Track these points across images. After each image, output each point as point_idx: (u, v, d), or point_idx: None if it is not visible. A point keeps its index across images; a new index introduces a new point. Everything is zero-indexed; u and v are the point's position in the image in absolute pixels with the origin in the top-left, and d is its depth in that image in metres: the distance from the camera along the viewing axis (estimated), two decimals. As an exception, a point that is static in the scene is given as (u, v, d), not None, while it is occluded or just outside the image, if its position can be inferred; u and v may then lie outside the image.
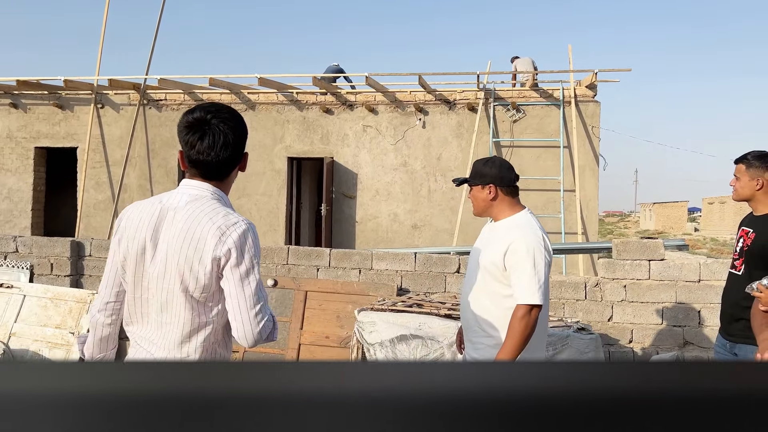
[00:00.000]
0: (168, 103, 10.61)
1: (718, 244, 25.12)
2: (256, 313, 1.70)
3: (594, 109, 9.67)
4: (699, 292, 4.56)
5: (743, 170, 3.02)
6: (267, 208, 10.34)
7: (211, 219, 1.72)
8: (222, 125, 1.75)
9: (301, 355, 4.84)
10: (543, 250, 2.49)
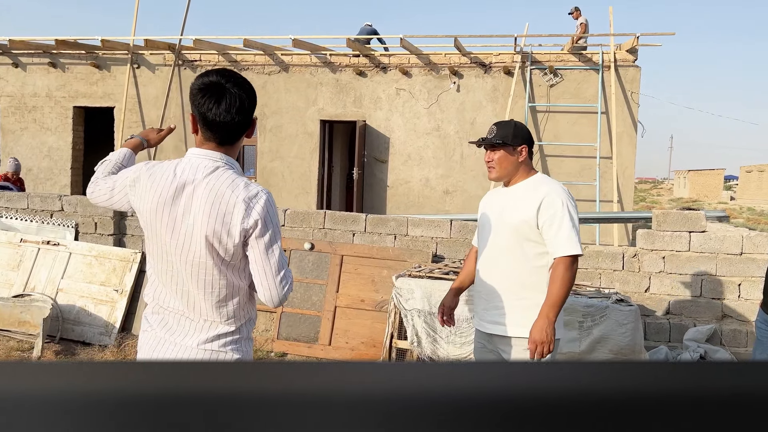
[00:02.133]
0: (202, 64, 10.64)
1: (755, 214, 24.54)
2: (281, 279, 1.81)
3: (634, 74, 9.42)
4: (740, 264, 4.49)
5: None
6: (299, 171, 10.40)
7: (234, 191, 1.76)
8: (236, 89, 1.78)
9: (337, 317, 4.93)
10: (574, 204, 2.54)
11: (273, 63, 10.43)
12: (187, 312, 1.84)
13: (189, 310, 1.83)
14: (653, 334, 4.60)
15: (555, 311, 2.41)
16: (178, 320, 1.85)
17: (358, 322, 4.88)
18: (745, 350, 4.43)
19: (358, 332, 4.86)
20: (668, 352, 4.46)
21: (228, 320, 1.85)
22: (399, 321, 4.01)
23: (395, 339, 4.04)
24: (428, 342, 3.80)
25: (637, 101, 9.42)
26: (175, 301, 1.85)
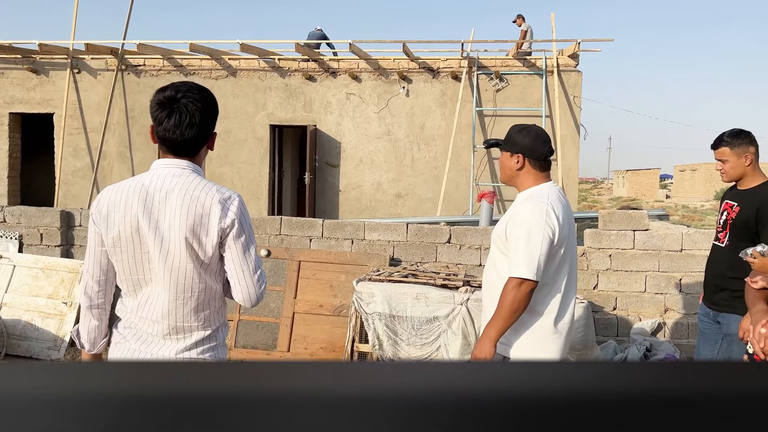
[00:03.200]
0: (147, 69, 10.40)
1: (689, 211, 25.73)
2: (258, 278, 1.85)
3: (576, 79, 9.76)
4: (680, 261, 4.74)
5: (728, 152, 3.10)
6: (249, 176, 10.30)
7: (208, 194, 1.80)
8: (191, 105, 1.79)
9: (295, 323, 4.93)
10: (543, 224, 2.34)
11: (220, 68, 10.30)
12: (165, 321, 1.83)
13: (168, 319, 1.83)
14: (602, 329, 4.80)
15: (495, 330, 2.34)
16: (155, 332, 1.84)
17: (317, 327, 4.89)
18: (687, 342, 4.68)
19: (318, 337, 4.87)
20: (617, 346, 4.67)
21: (204, 325, 1.86)
22: (360, 325, 4.05)
23: (357, 343, 4.08)
24: (389, 344, 3.86)
25: (580, 105, 9.77)
26: (153, 312, 1.84)
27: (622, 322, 4.80)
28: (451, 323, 3.76)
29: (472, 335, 3.76)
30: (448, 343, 3.75)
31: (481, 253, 4.94)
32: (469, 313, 3.77)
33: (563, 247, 2.43)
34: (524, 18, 10.87)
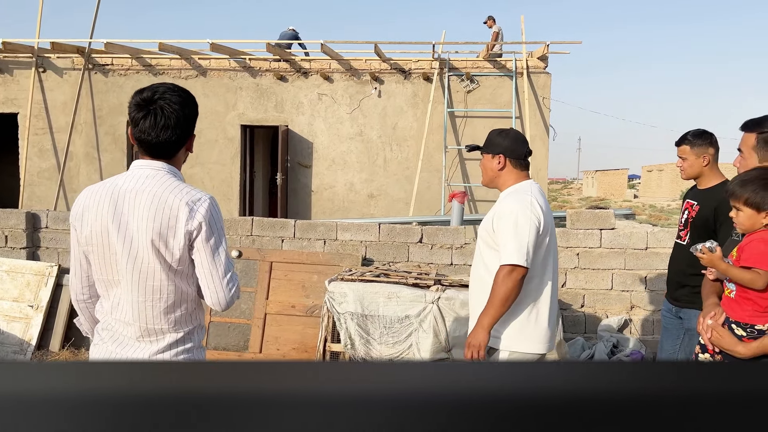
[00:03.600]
0: (115, 68, 10.24)
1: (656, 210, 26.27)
2: (227, 282, 1.83)
3: (545, 81, 9.90)
4: (646, 259, 4.86)
5: (688, 150, 3.22)
6: (220, 177, 10.21)
7: (177, 196, 1.79)
8: (167, 107, 1.80)
9: (267, 324, 4.92)
10: (529, 213, 2.46)
11: (190, 67, 10.20)
12: (136, 324, 1.83)
13: (138, 321, 1.83)
14: (570, 327, 4.90)
15: (488, 318, 2.42)
16: (129, 334, 1.84)
17: (289, 328, 4.89)
18: (652, 338, 4.80)
19: (290, 338, 4.87)
20: (584, 343, 4.76)
21: (176, 327, 1.86)
22: (332, 325, 4.07)
23: (329, 343, 4.09)
24: (361, 344, 3.88)
25: (549, 106, 9.92)
26: (125, 314, 1.84)
27: (590, 319, 4.90)
28: (422, 322, 3.80)
29: (443, 333, 3.81)
30: (420, 342, 3.79)
31: (452, 253, 4.99)
32: (440, 312, 3.82)
33: (547, 239, 2.55)
34: (495, 20, 11.01)
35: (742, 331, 2.12)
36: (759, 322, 2.09)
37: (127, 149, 10.31)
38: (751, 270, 2.06)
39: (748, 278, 2.05)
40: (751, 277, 2.05)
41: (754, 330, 2.09)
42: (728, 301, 2.18)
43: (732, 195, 2.17)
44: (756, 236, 2.11)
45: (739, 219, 2.16)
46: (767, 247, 2.05)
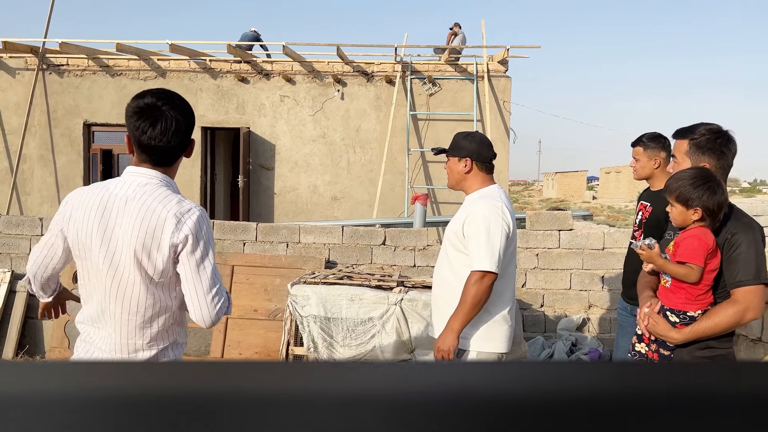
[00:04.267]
0: (71, 69, 9.99)
1: (614, 211, 26.91)
2: (213, 297, 1.77)
3: (505, 84, 10.06)
4: (603, 258, 4.98)
5: (641, 152, 3.34)
6: (179, 180, 10.01)
7: (166, 206, 1.75)
8: (173, 111, 1.78)
9: (229, 328, 4.87)
10: (500, 220, 2.51)
11: (149, 68, 10.02)
12: (113, 335, 1.80)
13: (115, 333, 1.80)
14: (530, 326, 4.98)
15: (459, 322, 2.46)
16: (105, 347, 1.81)
17: (252, 332, 4.85)
18: (609, 336, 4.92)
19: (252, 342, 4.83)
20: (544, 342, 4.86)
21: (151, 344, 1.82)
22: (295, 328, 4.05)
23: (292, 346, 4.08)
24: (324, 347, 3.88)
25: (509, 109, 10.07)
26: (104, 325, 1.81)
27: (549, 319, 5.00)
28: (385, 324, 3.82)
29: (406, 335, 3.84)
30: (383, 344, 3.81)
31: (415, 254, 5.03)
32: (403, 313, 3.84)
33: (512, 244, 2.62)
34: (460, 26, 11.17)
35: (676, 317, 2.26)
36: (691, 309, 2.23)
37: (83, 151, 10.06)
38: (686, 265, 2.19)
39: (683, 272, 2.19)
40: (685, 272, 2.19)
41: (686, 316, 2.24)
42: (664, 290, 2.32)
43: (666, 191, 2.31)
44: (689, 233, 2.24)
45: (672, 214, 2.30)
46: (699, 243, 2.18)
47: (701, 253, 2.17)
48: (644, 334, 2.36)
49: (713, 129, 2.43)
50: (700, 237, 2.19)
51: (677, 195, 2.25)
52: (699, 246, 2.18)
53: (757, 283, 2.16)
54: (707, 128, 2.43)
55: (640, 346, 2.40)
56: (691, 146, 2.46)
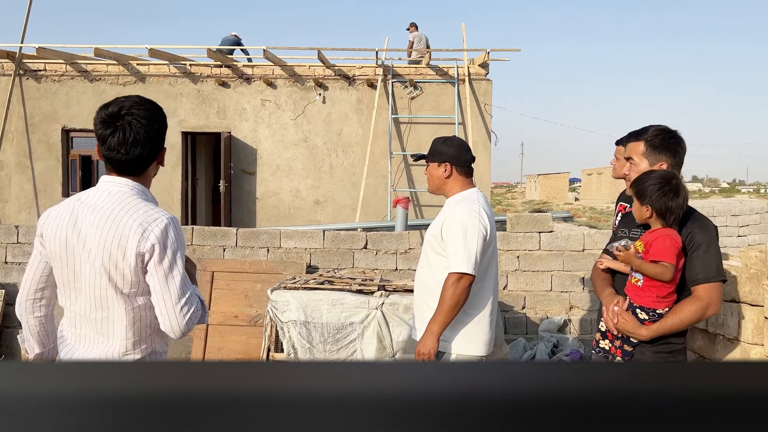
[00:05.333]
0: (48, 74, 9.87)
1: (596, 213, 27.14)
2: (181, 307, 1.73)
3: (486, 87, 10.11)
4: (583, 260, 5.01)
5: (622, 151, 3.38)
6: (160, 185, 9.96)
7: (132, 215, 1.71)
8: (135, 122, 1.73)
9: (210, 335, 4.82)
10: (478, 223, 2.52)
11: (128, 73, 9.93)
12: (90, 343, 1.78)
13: (92, 342, 1.78)
14: (512, 328, 5.00)
15: (438, 325, 2.48)
16: (83, 352, 1.79)
17: (233, 338, 4.81)
18: (590, 336, 4.95)
19: (233, 348, 4.78)
20: (526, 344, 4.87)
21: (127, 352, 1.79)
22: (276, 334, 4.03)
23: (272, 352, 4.05)
24: (304, 352, 3.85)
25: (490, 112, 10.12)
26: (80, 332, 1.79)
27: (531, 320, 5.02)
28: (366, 328, 3.80)
29: (387, 339, 3.83)
30: (364, 348, 3.79)
31: (397, 258, 5.02)
32: (384, 317, 3.83)
33: (491, 247, 2.64)
34: (417, 26, 11.21)
35: (645, 314, 2.32)
36: (660, 307, 2.30)
37: (62, 158, 9.94)
38: (660, 263, 2.25)
39: (658, 271, 2.26)
40: (660, 270, 2.25)
41: (655, 314, 2.30)
42: (634, 288, 2.37)
43: (631, 187, 2.39)
44: (660, 233, 2.31)
45: (633, 209, 2.39)
46: (672, 243, 2.25)
47: (673, 252, 2.24)
48: (609, 330, 2.40)
49: (664, 129, 2.53)
50: (672, 237, 2.26)
51: (636, 189, 2.35)
52: (671, 245, 2.24)
53: (717, 281, 2.26)
54: (658, 128, 2.54)
55: (604, 342, 2.44)
56: (647, 146, 2.54)
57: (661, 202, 2.27)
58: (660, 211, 2.28)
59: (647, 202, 2.29)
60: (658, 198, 2.27)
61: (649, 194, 2.28)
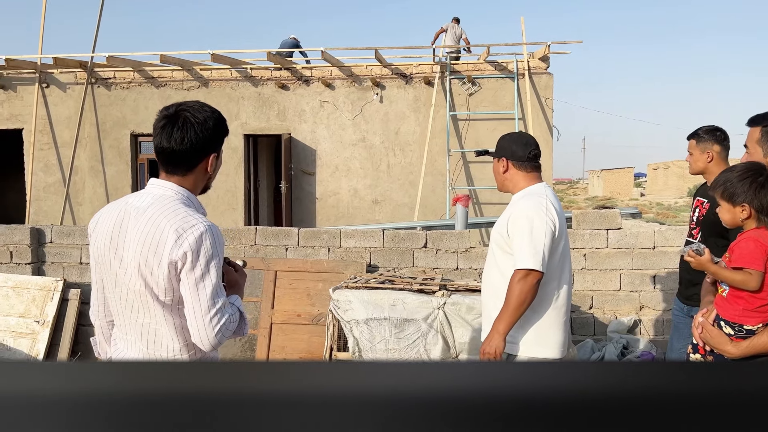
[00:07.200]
0: (117, 82, 10.28)
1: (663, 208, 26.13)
2: (211, 318, 1.67)
3: (547, 81, 9.86)
4: (654, 258, 4.80)
5: (694, 145, 3.20)
6: (224, 187, 10.22)
7: (169, 221, 1.67)
8: (190, 117, 1.73)
9: (273, 333, 4.89)
10: (545, 217, 2.42)
11: (192, 78, 10.22)
12: (138, 349, 1.78)
13: (138, 348, 1.78)
14: (579, 328, 4.84)
15: (504, 324, 2.38)
16: (126, 351, 1.81)
17: (296, 337, 4.86)
18: (663, 338, 4.74)
19: (296, 347, 4.84)
20: (593, 345, 4.71)
21: (175, 357, 1.76)
22: (338, 333, 4.04)
23: (335, 351, 4.06)
24: (368, 351, 3.84)
25: (551, 106, 9.87)
26: (128, 338, 1.80)
27: (599, 321, 4.85)
28: (429, 328, 3.76)
29: (450, 339, 3.77)
30: (427, 348, 3.75)
31: (458, 257, 4.95)
32: (446, 317, 3.78)
33: (562, 243, 2.51)
34: (458, 20, 11.15)
35: (731, 329, 2.07)
36: (748, 322, 2.03)
37: (131, 162, 10.34)
38: (743, 271, 2.01)
39: (739, 279, 2.00)
40: (742, 278, 2.00)
41: (742, 329, 2.04)
42: (720, 299, 2.14)
43: (712, 188, 2.14)
44: (745, 235, 2.05)
45: (721, 213, 2.12)
46: (757, 246, 1.99)
47: (760, 257, 1.98)
48: (699, 343, 2.21)
49: None
50: (756, 239, 2.01)
51: (722, 191, 2.07)
52: (756, 249, 1.99)
53: None
54: None
55: (695, 357, 2.24)
56: (764, 133, 2.30)
57: (761, 196, 1.99)
58: (762, 207, 2.01)
59: (743, 200, 2.02)
60: (757, 192, 1.99)
61: (743, 192, 2.01)
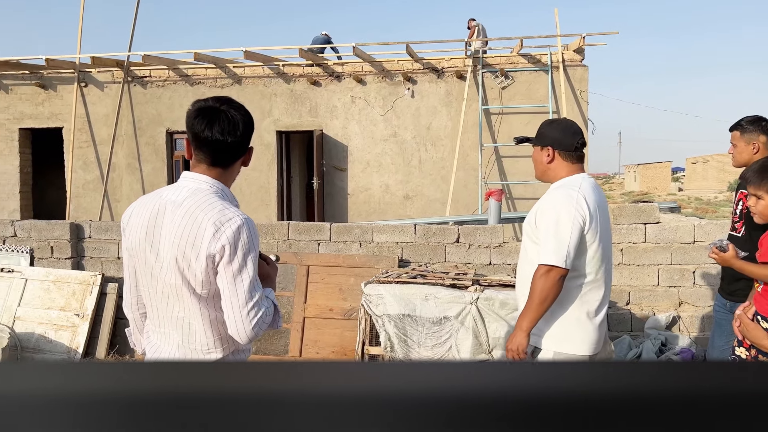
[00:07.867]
0: (153, 80, 10.46)
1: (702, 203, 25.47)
2: (248, 311, 1.68)
3: (582, 74, 9.68)
4: (693, 253, 4.67)
5: (738, 137, 3.09)
6: (257, 183, 10.32)
7: (207, 214, 1.69)
8: (233, 112, 1.77)
9: (306, 327, 4.92)
10: (574, 210, 2.31)
11: (225, 76, 10.34)
12: (173, 341, 1.79)
13: (174, 341, 1.79)
14: (616, 325, 4.74)
15: (527, 320, 2.33)
16: (167, 351, 1.81)
17: (328, 331, 4.88)
18: (703, 335, 4.61)
19: (329, 341, 4.85)
20: (631, 341, 4.61)
21: (208, 353, 1.78)
22: (370, 327, 4.03)
23: (367, 345, 4.06)
24: (401, 346, 3.83)
25: (587, 99, 9.69)
26: (163, 330, 1.81)
27: (636, 317, 4.74)
28: (461, 323, 3.73)
29: (483, 335, 3.73)
30: (459, 344, 3.72)
31: (491, 252, 4.90)
32: (479, 313, 3.74)
33: (596, 238, 2.39)
34: (474, 19, 11.10)
35: (767, 324, 2.01)
36: None
37: (167, 159, 10.52)
38: None
39: (766, 274, 1.93)
40: None
41: None
42: (757, 294, 2.10)
43: (750, 182, 2.04)
44: None
45: (758, 208, 2.03)
46: None
47: None
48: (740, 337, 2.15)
49: None
50: None
51: (761, 182, 2.00)
52: None
53: None
54: None
55: (740, 350, 2.18)
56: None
57: None
58: None
59: None
60: None
61: None
